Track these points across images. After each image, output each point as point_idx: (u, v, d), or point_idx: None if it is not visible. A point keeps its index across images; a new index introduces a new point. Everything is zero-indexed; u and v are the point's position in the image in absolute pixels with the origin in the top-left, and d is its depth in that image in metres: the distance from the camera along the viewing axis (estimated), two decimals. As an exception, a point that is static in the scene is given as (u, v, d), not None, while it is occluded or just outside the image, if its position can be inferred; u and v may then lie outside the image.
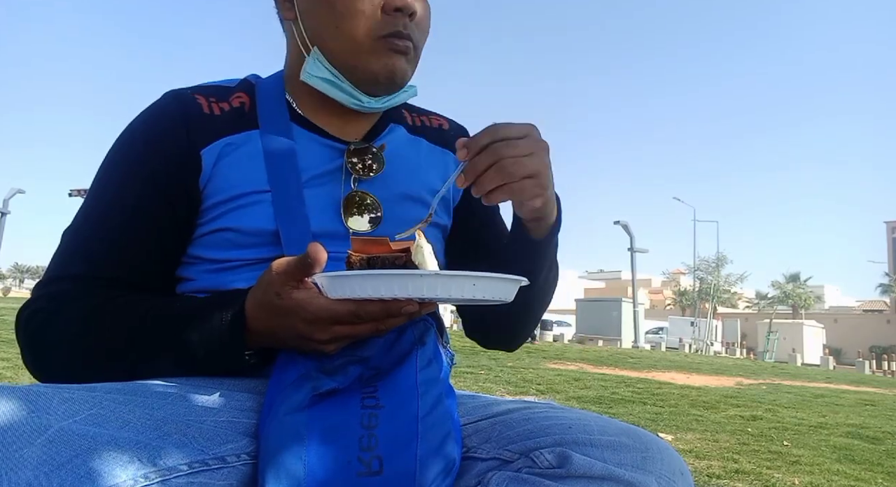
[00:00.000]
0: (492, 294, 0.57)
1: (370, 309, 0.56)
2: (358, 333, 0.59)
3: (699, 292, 41.00)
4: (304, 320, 0.58)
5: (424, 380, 0.63)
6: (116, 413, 0.52)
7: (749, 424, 4.10)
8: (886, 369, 20.26)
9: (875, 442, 3.71)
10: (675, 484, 0.58)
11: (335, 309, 0.57)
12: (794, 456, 3.03)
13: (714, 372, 9.49)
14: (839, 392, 7.60)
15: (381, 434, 0.57)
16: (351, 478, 0.55)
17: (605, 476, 0.56)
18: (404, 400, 0.60)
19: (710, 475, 2.47)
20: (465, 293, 0.55)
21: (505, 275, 0.57)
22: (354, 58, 0.74)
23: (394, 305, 0.55)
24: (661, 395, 5.45)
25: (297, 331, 0.59)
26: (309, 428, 0.57)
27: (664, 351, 17.84)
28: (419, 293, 0.54)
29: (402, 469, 0.56)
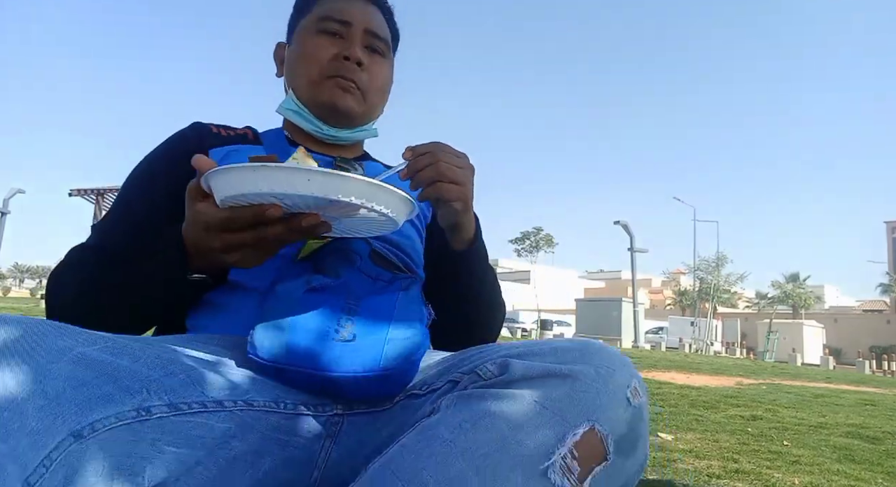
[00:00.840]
0: (331, 192, 0.59)
1: (241, 214, 0.63)
2: (244, 241, 0.65)
3: (699, 292, 40.97)
4: (202, 228, 0.66)
5: (402, 312, 0.73)
6: (129, 349, 0.59)
7: (749, 424, 4.10)
8: (886, 369, 20.26)
9: (875, 442, 3.71)
10: (615, 372, 0.59)
11: (214, 215, 0.64)
12: (794, 456, 3.03)
13: (714, 371, 9.48)
14: (839, 392, 7.60)
15: (358, 321, 0.69)
16: (327, 342, 0.66)
17: (544, 374, 0.58)
18: (381, 313, 0.72)
19: (710, 475, 2.47)
20: (298, 188, 0.59)
21: (351, 176, 0.60)
22: (309, 92, 0.93)
23: (259, 210, 0.61)
24: (661, 395, 5.46)
25: (203, 241, 0.67)
26: (301, 304, 0.70)
27: (664, 351, 17.84)
28: (255, 187, 0.59)
29: (372, 342, 0.67)
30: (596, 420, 0.56)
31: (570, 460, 0.54)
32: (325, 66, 0.91)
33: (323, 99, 0.92)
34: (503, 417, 0.55)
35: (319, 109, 0.93)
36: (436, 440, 0.55)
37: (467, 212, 0.80)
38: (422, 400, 0.65)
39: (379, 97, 0.98)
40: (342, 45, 0.92)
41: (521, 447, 0.54)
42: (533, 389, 0.57)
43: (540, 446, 0.54)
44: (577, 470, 0.54)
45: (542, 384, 0.57)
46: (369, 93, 0.95)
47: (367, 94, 0.94)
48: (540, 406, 0.55)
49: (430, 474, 0.53)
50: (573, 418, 0.55)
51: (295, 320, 0.68)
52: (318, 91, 0.92)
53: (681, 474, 2.43)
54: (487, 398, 0.57)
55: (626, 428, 0.58)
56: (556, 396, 0.56)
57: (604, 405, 0.56)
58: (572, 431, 0.55)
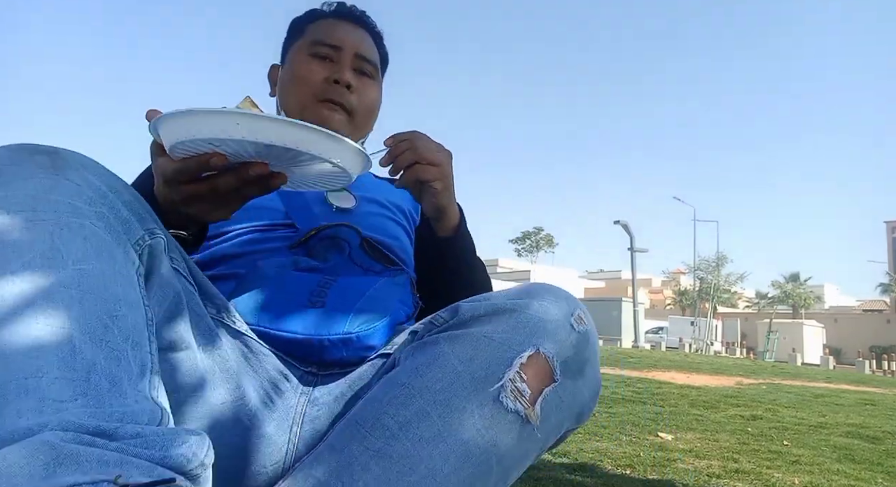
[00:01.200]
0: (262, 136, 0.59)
1: (188, 164, 0.63)
2: (199, 192, 0.65)
3: (699, 292, 40.97)
4: (162, 182, 0.66)
5: (381, 288, 0.77)
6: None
7: (749, 424, 4.10)
8: (886, 369, 20.25)
9: (875, 442, 3.71)
10: (559, 301, 0.63)
11: (168, 167, 0.64)
12: (794, 456, 3.04)
13: (714, 371, 9.49)
14: (839, 391, 7.60)
15: (331, 290, 0.74)
16: (299, 306, 0.72)
17: (490, 311, 0.61)
18: (359, 286, 0.77)
19: (710, 474, 2.47)
20: (231, 132, 0.58)
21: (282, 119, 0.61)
22: (300, 114, 0.95)
23: (202, 159, 0.61)
24: (661, 395, 5.46)
25: (166, 195, 0.67)
26: (279, 276, 0.75)
27: (664, 351, 17.84)
28: (191, 133, 0.59)
29: (341, 308, 0.72)
30: (540, 344, 0.59)
31: (520, 383, 0.57)
32: (316, 89, 0.95)
33: (312, 119, 0.94)
34: (455, 354, 0.59)
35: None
36: (395, 386, 0.59)
37: (448, 192, 0.83)
38: (392, 358, 0.69)
39: (367, 118, 1.01)
40: (332, 69, 0.95)
41: (473, 378, 0.57)
42: (481, 326, 0.60)
43: (490, 374, 0.57)
44: (528, 393, 0.57)
45: (489, 320, 0.61)
46: (358, 115, 0.98)
47: (355, 116, 0.98)
48: (488, 338, 0.59)
49: (391, 416, 0.57)
50: (519, 344, 0.58)
51: (272, 289, 0.73)
52: (309, 113, 0.95)
53: (681, 474, 2.44)
54: (440, 341, 0.61)
55: (571, 351, 0.61)
56: (502, 328, 0.60)
57: (548, 330, 0.60)
58: (518, 355, 0.58)
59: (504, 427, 0.57)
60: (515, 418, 0.57)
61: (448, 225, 0.88)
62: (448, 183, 0.82)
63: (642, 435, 3.27)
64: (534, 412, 0.58)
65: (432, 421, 0.55)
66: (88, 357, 0.46)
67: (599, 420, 3.67)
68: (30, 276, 0.48)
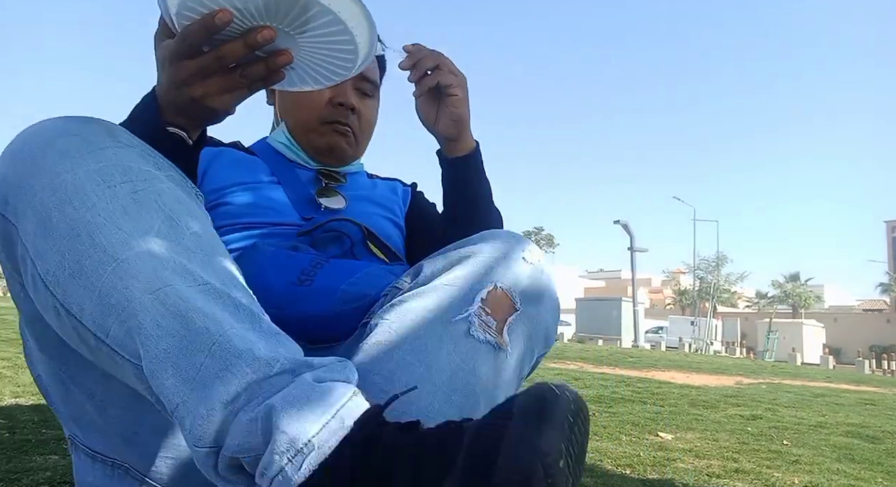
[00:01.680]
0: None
1: (192, 28, 0.61)
2: (204, 64, 0.63)
3: (699, 291, 40.98)
4: (168, 62, 0.64)
5: (373, 271, 0.78)
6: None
7: (749, 423, 4.10)
8: (886, 368, 20.24)
9: (875, 442, 3.71)
10: (509, 241, 0.69)
11: (174, 41, 0.63)
12: (794, 456, 3.03)
13: (714, 371, 9.49)
14: (839, 391, 7.60)
15: (320, 271, 0.76)
16: (287, 285, 0.74)
17: (448, 264, 0.68)
18: (350, 267, 0.78)
19: (710, 474, 2.47)
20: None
21: None
22: (305, 135, 1.00)
23: (207, 17, 0.59)
24: (661, 395, 5.45)
25: (170, 78, 0.65)
26: (273, 257, 0.77)
27: (664, 351, 17.83)
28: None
29: (328, 287, 0.74)
30: (497, 279, 0.65)
31: (486, 316, 0.63)
32: (321, 111, 0.98)
33: (320, 143, 0.99)
34: (422, 305, 0.64)
35: (313, 150, 1.00)
36: (373, 347, 0.63)
37: (466, 104, 0.86)
38: (368, 325, 0.72)
39: (368, 137, 1.06)
40: (335, 90, 0.97)
41: (442, 321, 0.63)
42: (442, 278, 0.66)
43: (457, 313, 0.63)
44: (494, 324, 0.63)
45: (448, 271, 0.67)
46: (361, 136, 1.03)
47: (359, 137, 1.02)
48: (450, 285, 0.65)
49: (376, 372, 0.61)
50: (477, 284, 0.65)
51: (264, 266, 0.76)
52: (316, 135, 0.99)
53: (681, 473, 2.43)
54: (407, 299, 0.66)
55: (527, 281, 0.67)
56: (461, 274, 0.66)
57: (502, 266, 0.66)
58: (479, 293, 0.64)
59: (479, 357, 0.62)
60: (488, 348, 0.63)
61: (465, 144, 0.89)
62: (467, 94, 0.85)
63: (642, 435, 3.27)
64: (503, 338, 0.64)
65: (415, 368, 0.60)
66: (251, 308, 0.54)
67: (599, 419, 3.67)
68: (164, 245, 0.54)
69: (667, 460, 2.65)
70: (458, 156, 0.89)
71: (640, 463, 2.54)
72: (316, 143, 0.99)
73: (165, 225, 0.55)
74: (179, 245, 0.54)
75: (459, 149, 0.89)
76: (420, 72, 0.82)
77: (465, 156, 0.89)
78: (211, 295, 0.52)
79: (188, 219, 0.58)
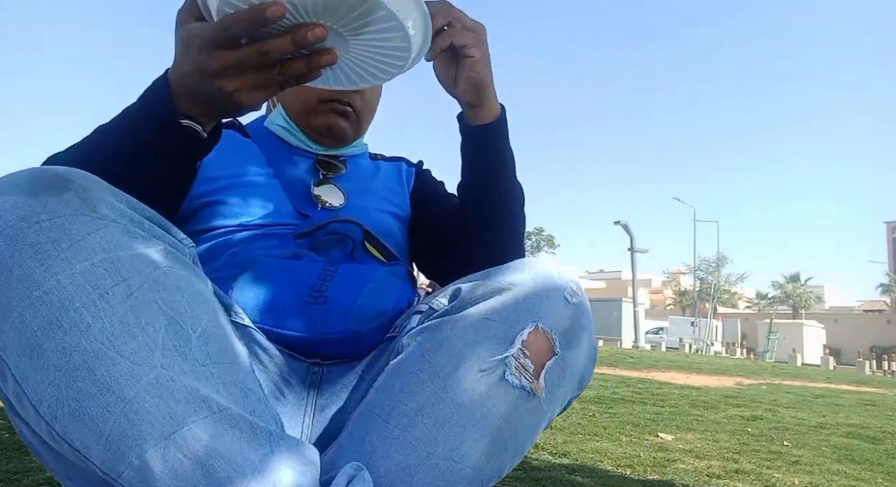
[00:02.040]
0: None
1: (237, 16, 0.55)
2: (244, 58, 0.57)
3: (699, 292, 40.98)
4: (197, 48, 0.58)
5: (381, 278, 0.75)
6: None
7: (749, 424, 4.10)
8: (887, 369, 20.23)
9: (875, 442, 3.71)
10: (551, 277, 0.65)
11: (208, 27, 0.57)
12: (794, 456, 3.03)
13: (714, 372, 9.48)
14: (839, 392, 7.60)
15: (332, 284, 0.71)
16: (300, 304, 0.70)
17: (487, 293, 0.64)
18: (360, 277, 0.74)
19: (710, 475, 2.47)
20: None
21: None
22: (303, 115, 0.93)
23: (258, 8, 0.53)
24: (661, 395, 5.45)
25: (197, 65, 0.58)
26: (278, 270, 0.72)
27: (664, 351, 17.84)
28: None
29: (343, 305, 0.70)
30: (539, 319, 0.61)
31: (523, 359, 0.60)
32: (319, 90, 0.90)
33: (318, 123, 0.93)
34: (458, 337, 0.61)
35: (312, 131, 0.94)
36: (404, 373, 0.61)
37: (486, 64, 0.75)
38: (396, 342, 0.69)
39: (370, 117, 0.99)
40: None
41: (478, 359, 0.59)
42: (479, 307, 0.62)
43: (494, 354, 0.59)
44: (531, 368, 0.60)
45: (487, 301, 0.63)
46: (363, 116, 0.96)
47: (361, 117, 0.96)
48: (488, 320, 0.61)
49: (405, 404, 0.58)
50: (518, 322, 0.61)
51: (272, 282, 0.71)
52: (315, 115, 0.93)
53: (681, 474, 2.43)
54: (443, 325, 0.62)
55: (568, 323, 0.63)
56: (501, 308, 0.62)
57: (544, 306, 0.62)
58: (519, 333, 0.60)
59: (513, 402, 0.59)
60: (522, 392, 0.59)
61: (488, 110, 0.80)
62: (486, 52, 0.74)
63: (642, 436, 3.27)
64: (538, 385, 0.60)
65: (445, 405, 0.57)
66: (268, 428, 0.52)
67: (599, 420, 3.67)
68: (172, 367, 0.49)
69: (667, 460, 2.65)
70: (480, 124, 0.80)
71: (641, 464, 2.54)
72: (314, 124, 0.93)
73: (170, 334, 0.50)
74: (187, 360, 0.50)
75: (482, 116, 0.80)
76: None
77: (487, 124, 0.80)
78: (227, 424, 0.49)
79: (192, 315, 0.53)
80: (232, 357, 0.55)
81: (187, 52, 0.59)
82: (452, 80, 0.76)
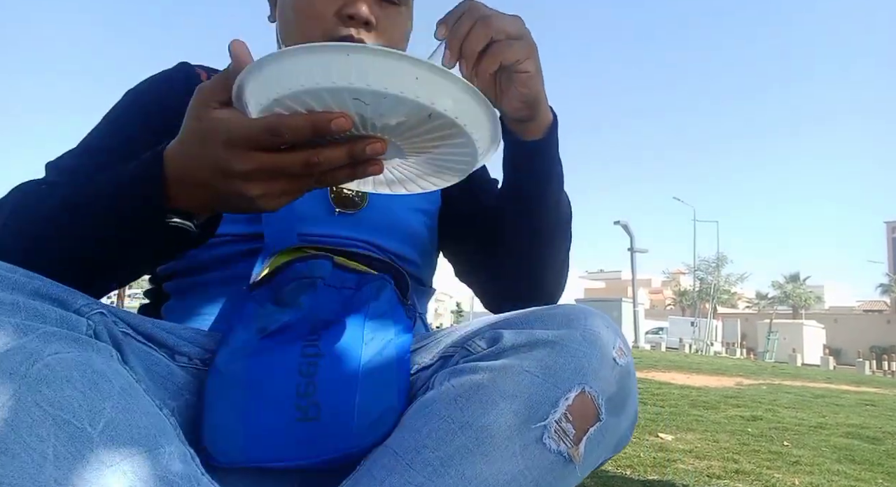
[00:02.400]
0: (437, 96, 0.45)
1: (293, 123, 0.46)
2: (285, 166, 0.49)
3: (699, 292, 40.98)
4: (223, 143, 0.48)
5: (373, 328, 0.64)
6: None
7: (749, 424, 4.10)
8: (886, 369, 20.24)
9: (875, 442, 3.71)
10: (600, 334, 0.59)
11: (251, 125, 0.48)
12: (794, 456, 3.03)
13: (714, 372, 9.48)
14: (839, 392, 7.60)
15: (320, 381, 0.59)
16: (288, 424, 0.57)
17: (531, 342, 0.58)
18: (347, 348, 0.62)
19: (710, 475, 2.47)
20: (399, 86, 0.43)
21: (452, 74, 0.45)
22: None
23: (322, 118, 0.45)
24: (661, 395, 5.45)
25: (218, 162, 0.49)
26: (247, 379, 0.59)
27: (664, 351, 17.83)
28: (347, 79, 0.43)
29: (339, 415, 0.58)
30: (586, 382, 0.56)
31: (565, 423, 0.55)
32: (326, 26, 0.74)
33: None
34: (496, 388, 0.55)
35: None
36: (433, 417, 0.56)
37: (540, 76, 0.62)
38: (412, 378, 0.65)
39: None
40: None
41: (516, 416, 0.54)
42: (522, 358, 0.57)
43: (534, 413, 0.55)
44: (573, 433, 0.55)
45: (530, 353, 0.57)
46: None
47: None
48: (531, 374, 0.56)
49: (432, 450, 0.54)
50: (564, 382, 0.56)
51: (249, 397, 0.58)
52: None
53: (681, 474, 2.43)
54: (479, 371, 0.57)
55: (615, 387, 0.58)
56: (546, 363, 0.56)
57: (592, 367, 0.57)
58: (564, 395, 0.55)
59: (546, 467, 0.55)
60: (558, 458, 0.55)
61: (539, 123, 0.67)
62: (539, 64, 0.61)
63: (642, 436, 3.27)
64: (577, 452, 0.56)
65: (474, 459, 0.53)
66: None
67: (599, 420, 3.68)
68: (65, 472, 0.41)
69: (667, 461, 2.65)
70: (529, 140, 0.68)
71: (641, 464, 2.54)
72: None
73: (62, 440, 0.42)
74: (89, 465, 0.42)
75: (533, 130, 0.68)
76: (472, 58, 0.56)
77: (537, 140, 0.68)
78: None
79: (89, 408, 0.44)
80: (150, 441, 0.46)
81: (207, 144, 0.50)
82: (496, 94, 0.62)
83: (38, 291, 0.49)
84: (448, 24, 0.56)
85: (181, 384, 0.60)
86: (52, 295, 0.50)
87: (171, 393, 0.59)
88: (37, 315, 0.47)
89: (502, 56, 0.57)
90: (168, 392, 0.59)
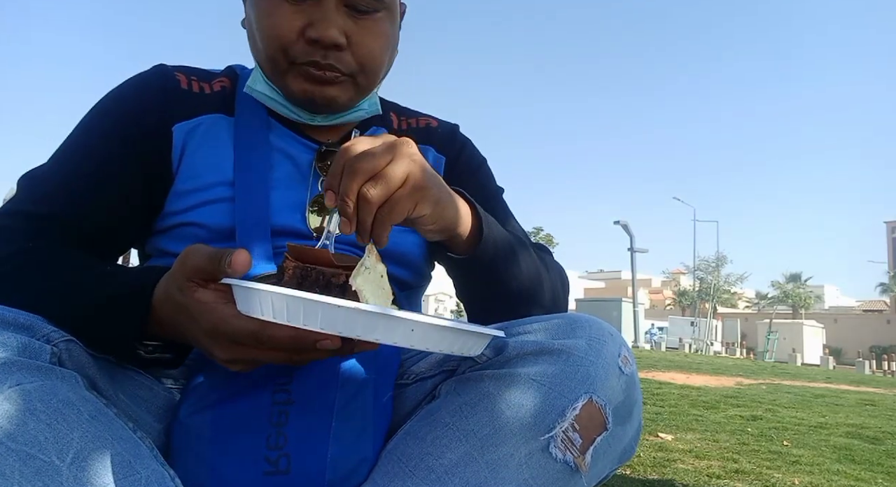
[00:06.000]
0: (435, 344, 0.46)
1: (275, 334, 0.45)
2: (265, 359, 0.49)
3: (699, 292, 41.00)
4: (206, 332, 0.48)
5: (349, 367, 0.60)
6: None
7: (749, 424, 4.10)
8: (886, 369, 20.24)
9: (875, 442, 3.71)
10: (605, 343, 0.58)
11: (235, 326, 0.46)
12: (794, 456, 3.03)
13: (714, 371, 9.48)
14: (839, 392, 7.59)
15: (291, 432, 0.56)
16: (257, 478, 0.54)
17: (537, 351, 0.57)
18: (320, 393, 0.58)
19: (710, 475, 2.47)
20: (397, 338, 0.44)
21: (460, 326, 0.47)
22: (276, 78, 0.72)
23: (306, 336, 0.45)
24: (661, 395, 5.45)
25: (199, 341, 0.50)
26: (214, 429, 0.56)
27: (664, 351, 17.84)
28: (334, 327, 0.43)
29: (311, 468, 0.55)
30: (594, 391, 0.56)
31: (572, 432, 0.54)
32: (291, 48, 0.68)
33: (295, 90, 0.70)
34: (502, 397, 0.55)
35: (290, 98, 0.73)
36: (438, 425, 0.56)
37: (440, 207, 0.56)
38: (412, 388, 0.65)
39: (375, 71, 0.73)
40: (312, 13, 0.67)
41: (522, 425, 0.54)
42: (528, 367, 0.56)
43: (540, 422, 0.54)
44: (579, 442, 0.55)
45: (536, 361, 0.56)
46: (360, 75, 0.71)
47: (356, 77, 0.71)
48: (537, 383, 0.55)
49: (436, 458, 0.54)
50: (571, 392, 0.55)
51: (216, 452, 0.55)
52: (287, 81, 0.70)
53: (681, 474, 2.43)
54: (485, 379, 0.56)
55: (621, 396, 0.58)
56: (551, 372, 0.55)
57: (599, 376, 0.56)
58: (572, 404, 0.54)
59: (552, 476, 0.54)
60: (564, 467, 0.54)
61: (462, 238, 0.63)
62: (431, 195, 0.54)
63: (642, 435, 3.26)
64: (584, 461, 0.55)
65: (479, 467, 0.53)
66: None
67: (599, 420, 3.67)
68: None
69: (667, 460, 2.65)
70: (460, 256, 0.65)
71: (641, 464, 2.54)
72: (293, 90, 0.70)
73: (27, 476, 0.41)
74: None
75: (460, 245, 0.64)
76: (366, 233, 0.51)
77: (468, 257, 0.64)
78: None
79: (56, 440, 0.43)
80: (124, 468, 0.45)
81: (187, 319, 0.49)
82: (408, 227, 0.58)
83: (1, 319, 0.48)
84: (332, 188, 0.51)
85: (166, 406, 0.60)
86: (17, 323, 0.48)
87: (156, 416, 0.58)
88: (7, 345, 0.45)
89: (391, 220, 0.51)
90: (152, 414, 0.58)
